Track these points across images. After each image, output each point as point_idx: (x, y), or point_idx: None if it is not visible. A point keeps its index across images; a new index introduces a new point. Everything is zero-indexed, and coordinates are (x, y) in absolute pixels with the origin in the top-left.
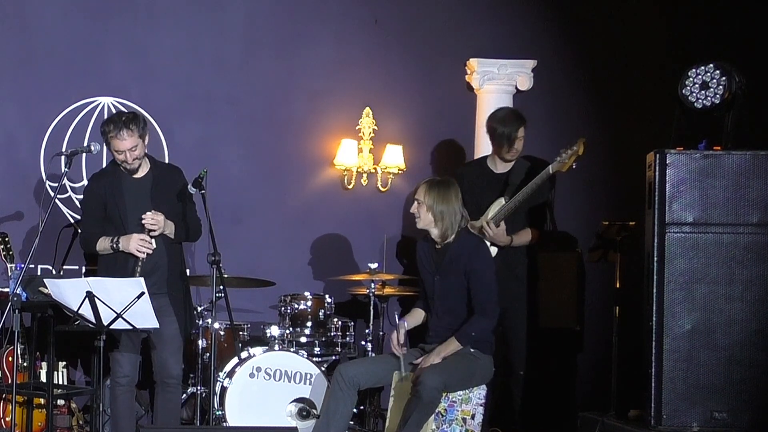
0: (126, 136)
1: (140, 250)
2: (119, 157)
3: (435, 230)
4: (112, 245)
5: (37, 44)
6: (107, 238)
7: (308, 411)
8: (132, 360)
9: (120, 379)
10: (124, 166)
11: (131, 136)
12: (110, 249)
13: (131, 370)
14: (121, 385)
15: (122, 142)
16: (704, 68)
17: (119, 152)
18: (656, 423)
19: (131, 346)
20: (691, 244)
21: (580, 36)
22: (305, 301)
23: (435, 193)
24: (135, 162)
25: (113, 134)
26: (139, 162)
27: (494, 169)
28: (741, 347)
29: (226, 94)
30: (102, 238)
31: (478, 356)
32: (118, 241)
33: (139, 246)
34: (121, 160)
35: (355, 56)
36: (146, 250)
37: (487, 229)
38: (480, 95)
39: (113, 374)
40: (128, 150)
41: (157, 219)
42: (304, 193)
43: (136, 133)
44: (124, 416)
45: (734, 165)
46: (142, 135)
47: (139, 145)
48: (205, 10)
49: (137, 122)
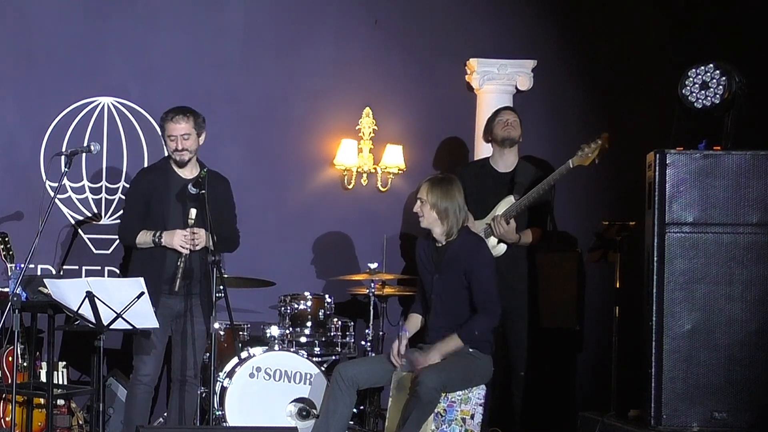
0: (182, 121)
1: (183, 246)
2: (171, 144)
3: (438, 228)
4: (155, 239)
5: (37, 44)
6: (149, 232)
7: (308, 411)
8: (156, 361)
9: (142, 377)
10: (174, 156)
11: (186, 123)
12: (151, 243)
13: (154, 370)
14: (143, 383)
15: (176, 125)
16: (704, 68)
17: (172, 138)
18: (656, 423)
19: (158, 347)
20: (691, 244)
21: (580, 36)
22: (305, 301)
23: (438, 191)
24: (185, 153)
25: (169, 117)
26: (189, 155)
27: (497, 168)
28: (741, 347)
29: (226, 94)
30: (143, 231)
31: (478, 356)
32: (161, 236)
33: (183, 242)
34: (173, 148)
35: (355, 56)
36: (190, 246)
37: (498, 226)
38: (480, 95)
39: (136, 372)
40: (181, 136)
41: (199, 234)
42: (304, 193)
43: (191, 121)
44: (139, 416)
45: (734, 165)
46: (198, 129)
47: (192, 136)
48: (205, 10)
49: (195, 114)
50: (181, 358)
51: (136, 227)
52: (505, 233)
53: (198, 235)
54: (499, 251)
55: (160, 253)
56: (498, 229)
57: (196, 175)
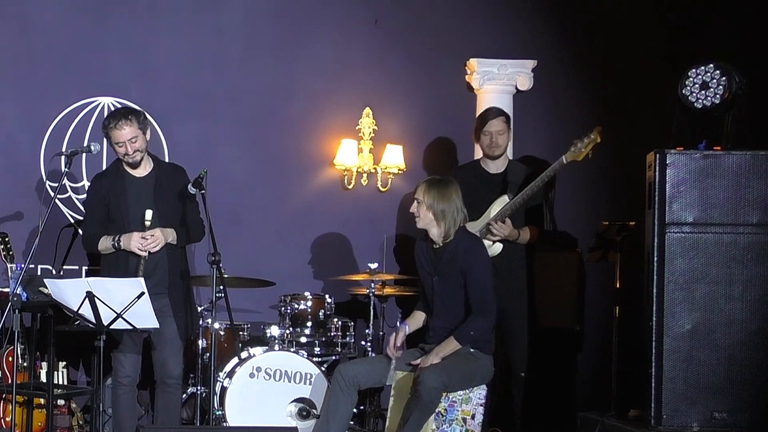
0: (125, 126)
1: (141, 248)
2: (120, 150)
3: (435, 229)
4: (114, 244)
5: (37, 44)
6: (109, 237)
7: (308, 411)
8: (134, 360)
9: (122, 379)
10: (126, 160)
11: (130, 126)
12: (112, 248)
13: (133, 370)
14: (124, 385)
15: (121, 132)
16: (704, 68)
17: (119, 144)
18: (656, 423)
19: (133, 346)
20: (691, 244)
21: (580, 36)
22: (305, 301)
23: (435, 192)
24: (136, 155)
25: (112, 125)
26: (141, 155)
27: (488, 170)
28: (741, 347)
29: (226, 94)
30: (104, 238)
31: (478, 356)
32: (120, 240)
33: (140, 244)
34: (122, 153)
35: (355, 56)
36: (148, 249)
37: (495, 228)
38: (480, 95)
39: (115, 374)
40: (128, 141)
41: (155, 237)
42: (304, 193)
43: (135, 123)
44: (126, 416)
45: (734, 165)
46: (142, 127)
47: (139, 137)
48: (205, 10)
49: (136, 114)
50: (159, 361)
51: (97, 233)
52: (503, 233)
53: (154, 238)
54: (495, 250)
55: (123, 257)
56: (499, 232)
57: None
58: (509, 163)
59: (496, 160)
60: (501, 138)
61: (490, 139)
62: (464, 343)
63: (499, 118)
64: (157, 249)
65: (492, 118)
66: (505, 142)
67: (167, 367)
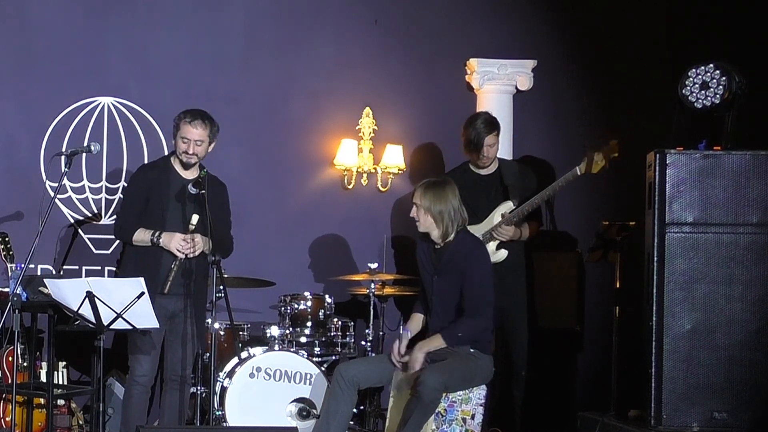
0: (199, 126)
1: (180, 250)
2: (182, 146)
3: (435, 231)
4: (153, 239)
5: (37, 44)
6: (147, 230)
7: (308, 411)
8: (152, 360)
9: (138, 378)
10: (182, 158)
11: (204, 129)
12: (149, 242)
13: (150, 369)
14: (140, 384)
15: (194, 129)
16: (704, 68)
17: (185, 140)
18: (656, 423)
19: (153, 347)
20: (691, 244)
21: (580, 36)
22: (305, 301)
23: (431, 195)
24: (194, 158)
25: (188, 119)
26: (196, 161)
27: (479, 172)
28: (741, 347)
29: (226, 94)
30: (141, 230)
31: (478, 356)
32: (160, 236)
33: (181, 247)
34: (183, 150)
35: (355, 56)
36: (187, 252)
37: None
38: (480, 95)
39: (132, 373)
40: (194, 141)
41: (196, 242)
42: (304, 193)
43: (208, 129)
44: (136, 416)
45: (734, 165)
46: (211, 137)
47: (204, 143)
48: (205, 10)
49: (213, 123)
50: (174, 359)
51: (133, 224)
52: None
53: (195, 242)
54: (500, 257)
55: (156, 253)
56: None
57: (196, 176)
58: (501, 162)
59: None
60: (492, 150)
61: (483, 153)
62: (450, 344)
63: (491, 135)
64: (195, 255)
65: (485, 135)
66: (496, 152)
67: (181, 368)
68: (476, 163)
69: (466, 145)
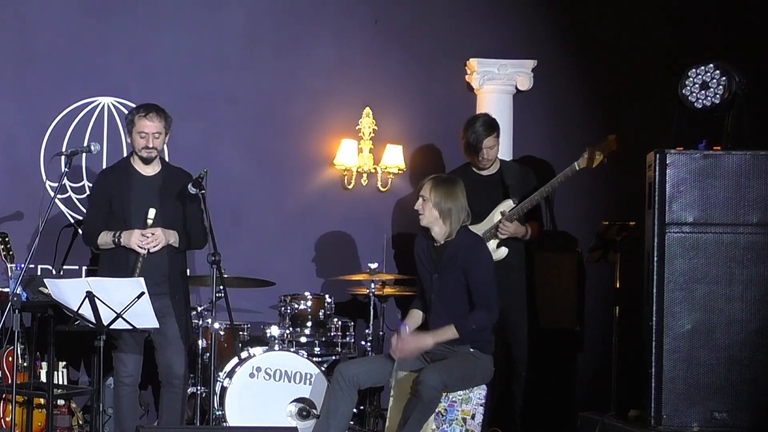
0: (154, 118)
1: (141, 246)
2: (140, 141)
3: (438, 228)
4: (114, 239)
5: (37, 44)
6: (109, 232)
7: (308, 411)
8: (136, 360)
9: (124, 379)
10: (142, 154)
11: (160, 121)
12: (112, 243)
13: (135, 369)
14: (126, 384)
15: (150, 123)
16: (704, 68)
17: (142, 134)
18: (656, 423)
19: (135, 346)
20: (691, 244)
21: (580, 36)
22: (305, 301)
23: (442, 190)
24: (153, 151)
25: (143, 113)
26: (156, 153)
27: (481, 173)
28: (741, 347)
29: (226, 94)
30: (104, 233)
31: (478, 356)
32: (120, 236)
33: (140, 242)
34: (142, 146)
35: (355, 56)
36: (147, 247)
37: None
38: (480, 95)
39: (117, 374)
40: (152, 134)
41: (156, 236)
42: (304, 193)
43: (163, 121)
44: (128, 416)
45: (734, 165)
46: (167, 128)
47: (162, 135)
48: (205, 10)
49: (166, 115)
50: (164, 361)
51: (98, 228)
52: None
53: (154, 236)
54: (501, 255)
55: (122, 253)
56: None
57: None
58: (502, 163)
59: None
60: (492, 152)
61: (483, 155)
62: (463, 334)
63: (490, 137)
64: (157, 248)
65: (484, 137)
66: (496, 153)
67: (172, 368)
68: (479, 166)
69: (466, 148)
